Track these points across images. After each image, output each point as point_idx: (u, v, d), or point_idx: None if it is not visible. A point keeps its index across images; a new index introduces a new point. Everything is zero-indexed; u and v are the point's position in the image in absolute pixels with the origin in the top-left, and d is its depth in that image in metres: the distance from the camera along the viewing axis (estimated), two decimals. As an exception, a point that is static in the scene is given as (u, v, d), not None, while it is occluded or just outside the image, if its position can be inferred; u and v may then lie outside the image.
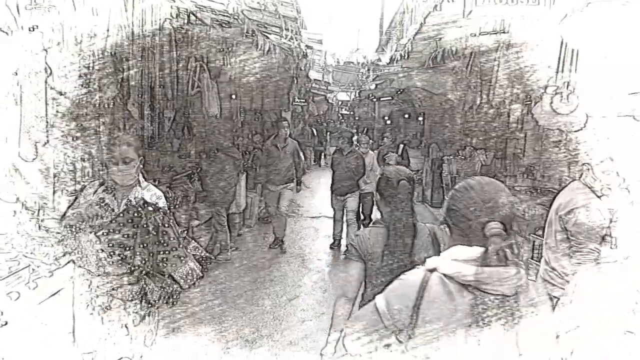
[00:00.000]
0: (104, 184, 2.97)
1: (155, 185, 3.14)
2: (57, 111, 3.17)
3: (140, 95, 4.39)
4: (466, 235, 1.68)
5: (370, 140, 8.94)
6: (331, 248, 7.46)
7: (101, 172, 3.03)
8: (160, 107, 5.01)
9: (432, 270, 1.69)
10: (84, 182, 3.23)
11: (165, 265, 2.93)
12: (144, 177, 3.03)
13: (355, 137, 8.69)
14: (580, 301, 2.97)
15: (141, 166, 2.96)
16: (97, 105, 3.49)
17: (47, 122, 3.06)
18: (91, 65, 3.42)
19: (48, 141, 3.15)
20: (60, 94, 3.15)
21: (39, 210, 3.15)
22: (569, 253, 3.18)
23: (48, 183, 3.20)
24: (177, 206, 5.65)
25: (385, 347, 2.27)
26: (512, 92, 5.90)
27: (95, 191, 2.98)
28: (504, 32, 4.85)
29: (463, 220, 1.68)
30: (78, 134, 3.33)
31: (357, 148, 7.55)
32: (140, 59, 4.04)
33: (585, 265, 3.07)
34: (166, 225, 2.92)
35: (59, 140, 3.22)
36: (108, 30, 3.43)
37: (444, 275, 1.66)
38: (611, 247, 3.08)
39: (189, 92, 6.02)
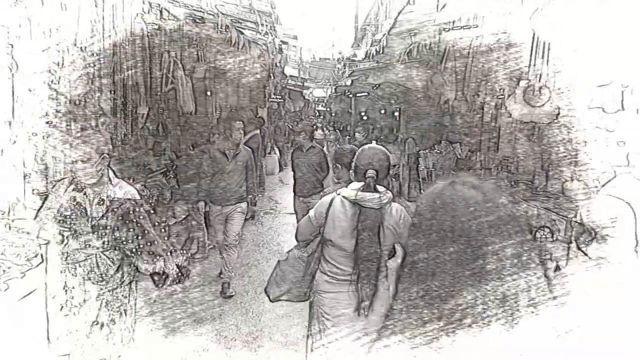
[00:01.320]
0: (73, 182, 2.93)
1: (129, 183, 3.10)
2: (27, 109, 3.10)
3: (112, 92, 4.31)
4: (357, 176, 3.02)
5: (340, 136, 8.78)
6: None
7: (71, 171, 2.97)
8: (134, 104, 4.93)
9: (338, 194, 3.04)
10: (54, 181, 3.16)
11: (133, 255, 2.91)
12: (115, 174, 3.00)
13: (319, 132, 8.12)
14: (581, 301, 3.02)
15: (106, 164, 2.92)
16: (67, 102, 3.42)
17: (12, 120, 2.99)
18: (60, 61, 3.34)
19: (16, 141, 3.07)
20: (29, 90, 3.07)
21: (9, 210, 3.08)
22: None
23: (18, 183, 3.13)
24: (152, 204, 5.58)
25: (385, 347, 2.29)
26: (486, 86, 5.97)
27: (66, 190, 2.94)
28: (476, 27, 4.90)
29: (358, 169, 3.02)
30: (48, 132, 3.26)
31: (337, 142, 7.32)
32: (112, 55, 3.97)
33: (586, 265, 3.11)
34: (141, 217, 2.91)
35: (29, 138, 3.14)
36: (78, 26, 3.36)
37: (343, 196, 3.00)
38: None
39: (163, 88, 5.94)
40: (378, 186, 2.97)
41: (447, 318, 1.76)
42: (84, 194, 2.89)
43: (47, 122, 3.23)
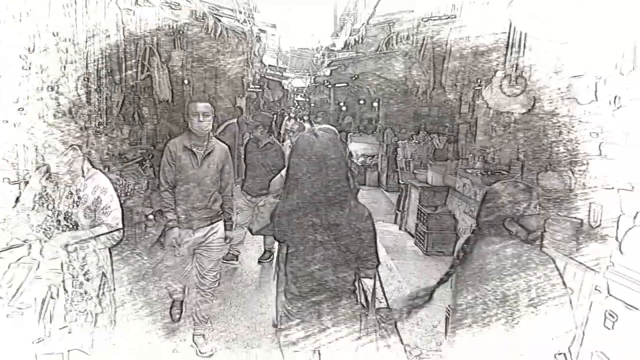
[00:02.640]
0: (48, 171, 2.86)
1: (104, 174, 3.03)
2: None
3: (86, 80, 4.22)
4: None
5: (303, 127, 8.65)
6: (259, 262, 6.04)
7: (43, 161, 2.90)
8: (109, 92, 4.84)
9: None
10: (26, 169, 3.10)
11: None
12: (91, 165, 2.93)
13: (291, 122, 7.83)
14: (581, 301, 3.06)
15: (78, 155, 2.85)
16: (40, 89, 3.34)
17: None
18: (32, 47, 3.26)
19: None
20: (-1, 76, 2.99)
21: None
22: None
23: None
24: (128, 194, 5.50)
25: (386, 347, 2.30)
26: (463, 76, 6.01)
27: (40, 179, 2.87)
28: (454, 17, 4.93)
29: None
30: (20, 121, 3.18)
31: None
32: (85, 41, 3.88)
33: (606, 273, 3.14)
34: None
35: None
36: (49, 10, 3.28)
37: None
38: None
39: (138, 76, 5.84)
40: None
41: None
42: (56, 185, 2.82)
43: (19, 109, 3.15)
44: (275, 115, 18.11)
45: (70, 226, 2.83)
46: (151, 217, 5.62)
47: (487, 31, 3.99)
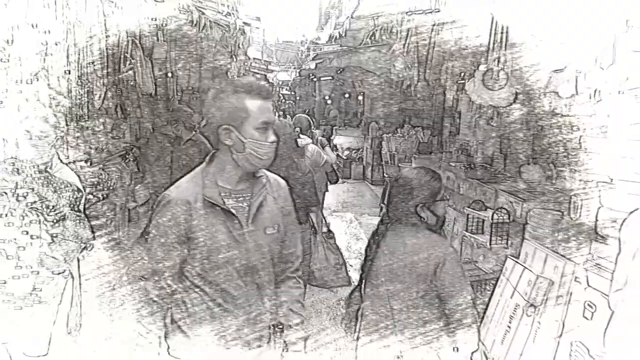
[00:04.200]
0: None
1: (72, 170, 3.00)
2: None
3: (67, 72, 4.16)
4: None
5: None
6: None
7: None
8: (90, 85, 4.77)
9: None
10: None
11: None
12: (59, 159, 2.89)
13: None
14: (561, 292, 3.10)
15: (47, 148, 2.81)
16: (19, 81, 3.28)
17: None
18: (10, 39, 3.20)
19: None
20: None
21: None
22: None
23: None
24: (111, 187, 5.45)
25: (385, 347, 2.33)
26: (447, 70, 6.03)
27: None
28: (438, 11, 4.94)
29: None
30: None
31: None
32: (66, 32, 3.82)
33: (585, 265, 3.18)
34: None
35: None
36: (28, 1, 3.22)
37: None
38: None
39: (121, 69, 5.76)
40: None
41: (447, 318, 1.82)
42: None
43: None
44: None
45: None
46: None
47: (470, 25, 4.01)
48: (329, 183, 5.94)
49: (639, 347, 2.55)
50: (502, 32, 3.49)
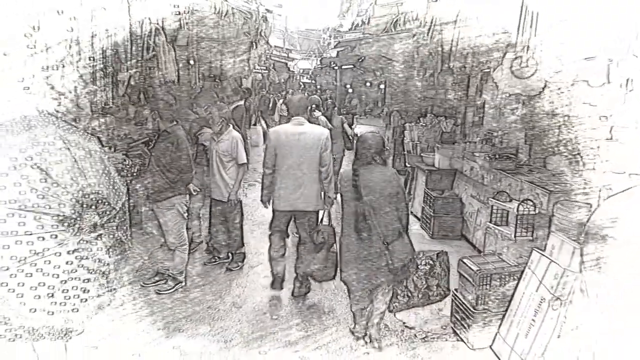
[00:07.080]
0: None
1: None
2: None
3: (92, 59, 4.19)
4: None
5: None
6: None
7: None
8: (114, 70, 4.80)
9: None
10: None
11: None
12: None
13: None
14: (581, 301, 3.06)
15: None
16: (45, 67, 3.31)
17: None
18: (36, 25, 3.22)
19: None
20: (4, 54, 2.97)
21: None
22: None
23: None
24: (134, 174, 5.50)
25: (387, 346, 2.33)
26: (472, 59, 5.93)
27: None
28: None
29: None
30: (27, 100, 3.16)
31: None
32: (90, 19, 3.84)
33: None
34: None
35: None
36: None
37: None
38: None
39: (144, 55, 5.79)
40: None
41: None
42: None
43: (24, 88, 3.14)
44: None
45: None
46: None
47: (497, 12, 3.92)
48: (345, 150, 8.07)
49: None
50: (531, 18, 3.40)
